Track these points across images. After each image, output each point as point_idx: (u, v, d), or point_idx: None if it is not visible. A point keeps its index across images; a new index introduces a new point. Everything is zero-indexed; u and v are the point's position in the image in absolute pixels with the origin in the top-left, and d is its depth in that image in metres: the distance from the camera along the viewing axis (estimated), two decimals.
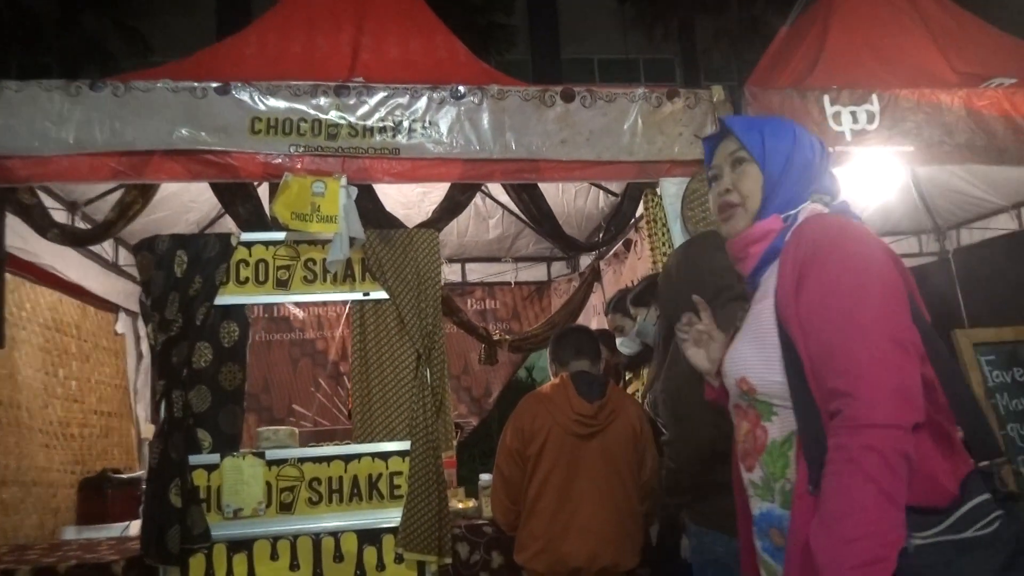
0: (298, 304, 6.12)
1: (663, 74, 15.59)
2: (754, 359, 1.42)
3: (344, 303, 4.15)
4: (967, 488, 1.25)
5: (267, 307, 6.20)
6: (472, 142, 3.23)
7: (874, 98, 3.34)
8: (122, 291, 5.11)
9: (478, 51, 4.10)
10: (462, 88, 3.27)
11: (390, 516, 3.04)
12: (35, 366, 4.18)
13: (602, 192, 4.96)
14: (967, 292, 5.09)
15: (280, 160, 3.17)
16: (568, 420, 2.85)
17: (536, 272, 6.60)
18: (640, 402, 3.16)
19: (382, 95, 3.25)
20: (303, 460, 3.06)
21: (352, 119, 3.20)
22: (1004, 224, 5.07)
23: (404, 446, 3.10)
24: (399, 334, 3.20)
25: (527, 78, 3.51)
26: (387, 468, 3.10)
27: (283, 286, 3.19)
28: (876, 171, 3.62)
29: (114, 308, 5.19)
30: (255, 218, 3.49)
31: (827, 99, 3.32)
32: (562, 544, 2.79)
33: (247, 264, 3.17)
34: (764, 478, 1.40)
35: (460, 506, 3.64)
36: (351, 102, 3.22)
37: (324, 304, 6.16)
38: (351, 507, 3.05)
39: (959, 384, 1.36)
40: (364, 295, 3.23)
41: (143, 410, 5.39)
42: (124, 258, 5.03)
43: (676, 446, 2.22)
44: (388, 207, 3.74)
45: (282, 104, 3.20)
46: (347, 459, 3.09)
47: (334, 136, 3.19)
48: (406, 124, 3.22)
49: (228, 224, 3.92)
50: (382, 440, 3.13)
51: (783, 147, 1.48)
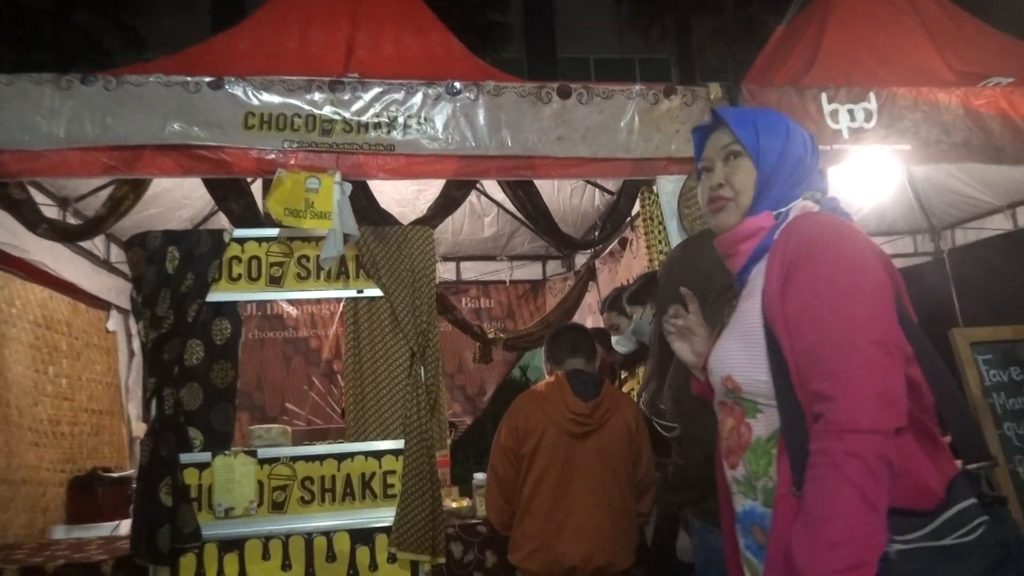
0: (291, 302, 6.10)
1: (659, 74, 15.59)
2: (740, 357, 1.40)
3: (338, 300, 4.11)
4: (953, 492, 1.24)
5: (260, 305, 6.18)
6: (468, 138, 3.20)
7: (872, 96, 3.33)
8: (114, 288, 5.08)
9: (474, 49, 4.08)
10: (458, 84, 3.25)
11: (383, 515, 3.02)
12: (25, 363, 4.13)
13: (598, 190, 4.95)
14: (962, 292, 5.10)
15: (274, 156, 3.14)
16: (563, 419, 2.83)
17: (531, 271, 6.59)
18: (636, 401, 3.15)
19: (377, 91, 3.22)
20: (296, 459, 3.04)
21: (347, 115, 3.17)
22: (999, 224, 5.08)
23: (398, 445, 3.07)
24: (393, 332, 3.18)
25: (523, 77, 3.48)
26: (380, 467, 3.07)
27: (276, 283, 3.17)
28: (872, 170, 3.61)
29: (105, 305, 5.14)
30: (248, 214, 3.46)
31: (825, 97, 3.31)
32: (557, 544, 2.78)
33: (240, 261, 3.15)
34: (747, 475, 1.40)
35: (454, 505, 3.62)
36: (346, 97, 3.19)
37: (318, 302, 6.15)
38: (344, 506, 3.02)
39: (948, 386, 1.35)
40: (358, 292, 3.21)
41: (134, 408, 5.35)
42: (116, 255, 4.99)
43: (685, 442, 2.22)
44: (383, 204, 3.72)
45: (276, 99, 3.17)
46: (340, 458, 3.06)
47: (328, 132, 3.16)
48: (401, 120, 3.19)
49: (222, 221, 3.88)
50: (376, 439, 3.11)
51: (777, 142, 1.45)
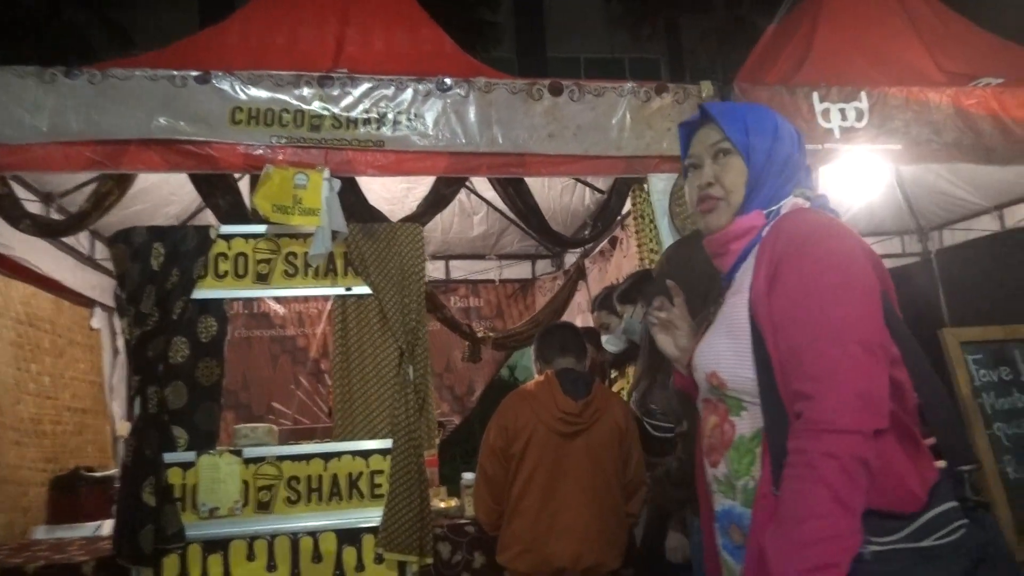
0: (278, 300, 6.06)
1: (649, 74, 15.62)
2: (726, 353, 1.39)
3: (325, 298, 4.08)
4: (934, 495, 1.23)
5: (246, 304, 6.14)
6: (458, 135, 3.17)
7: (863, 95, 3.33)
8: (98, 285, 5.01)
9: (464, 48, 4.05)
10: (448, 80, 3.22)
11: (370, 515, 2.99)
12: (6, 361, 4.07)
13: (588, 189, 4.93)
14: (949, 293, 5.11)
15: (261, 151, 3.10)
16: (553, 418, 2.81)
17: (520, 270, 6.58)
18: (626, 400, 3.13)
19: (367, 86, 3.19)
20: (282, 458, 3.00)
21: (336, 110, 3.14)
22: (986, 225, 5.11)
23: (386, 444, 3.04)
24: (382, 330, 3.15)
25: (513, 76, 3.45)
26: (368, 467, 3.04)
27: (263, 280, 3.12)
28: (862, 170, 3.61)
29: (89, 303, 5.08)
30: (235, 211, 3.42)
31: (816, 96, 3.31)
32: (546, 544, 2.75)
33: (226, 257, 3.11)
34: (727, 475, 1.38)
35: (442, 505, 3.60)
36: (335, 93, 3.16)
37: (305, 300, 6.11)
38: (331, 506, 2.99)
39: (934, 387, 1.34)
40: (346, 290, 3.17)
41: (118, 407, 5.29)
42: (100, 252, 4.93)
43: (689, 438, 2.21)
44: (371, 202, 3.68)
45: (264, 94, 3.13)
46: (327, 457, 3.03)
47: (317, 127, 3.13)
48: (391, 116, 3.16)
49: (208, 218, 3.84)
50: (363, 438, 3.07)
51: (766, 139, 1.44)
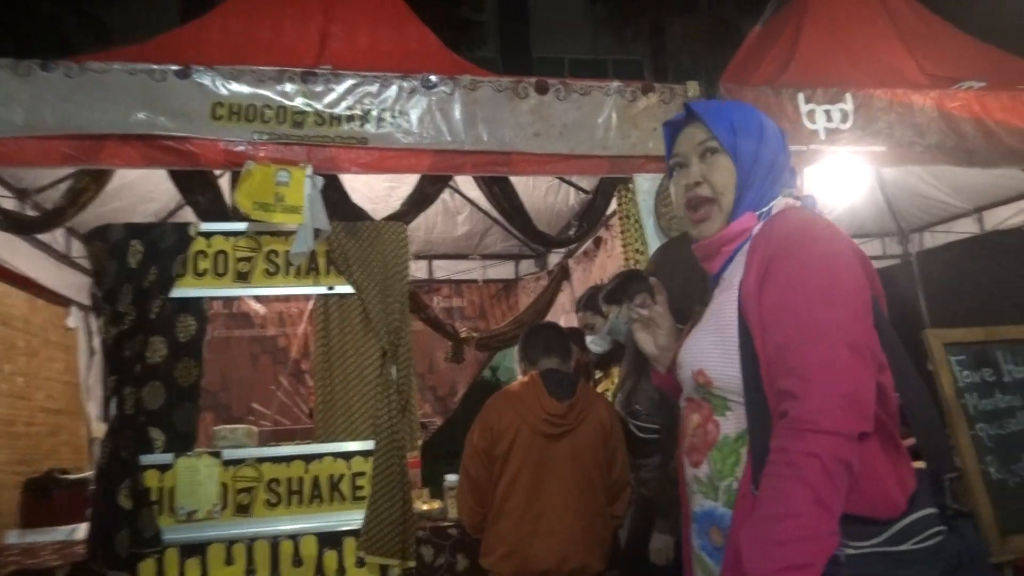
0: (259, 299, 5.98)
1: (632, 75, 15.59)
2: (713, 352, 1.37)
3: (307, 298, 4.03)
4: (914, 501, 1.23)
5: (226, 304, 6.05)
6: (443, 133, 3.15)
7: (848, 97, 3.34)
8: (74, 284, 4.91)
9: (448, 47, 4.02)
10: (434, 77, 3.19)
11: (352, 518, 2.95)
12: None
13: (572, 189, 4.91)
14: (929, 294, 5.16)
15: (243, 147, 3.06)
16: (537, 419, 2.78)
17: (504, 270, 6.55)
18: (611, 401, 3.11)
19: (351, 83, 3.15)
20: (262, 460, 2.96)
21: (319, 106, 3.10)
22: (966, 228, 5.16)
23: (368, 446, 3.01)
24: (364, 330, 3.11)
25: (499, 74, 3.43)
26: (349, 468, 3.00)
27: (244, 279, 3.08)
28: (845, 172, 3.63)
29: (65, 301, 4.99)
30: (215, 208, 3.36)
31: (802, 97, 3.32)
32: (529, 547, 2.72)
33: (206, 255, 3.05)
34: (710, 475, 1.37)
35: (425, 508, 3.56)
36: (318, 89, 3.12)
37: (286, 299, 6.03)
38: (311, 509, 2.95)
39: (918, 391, 1.33)
40: (329, 289, 3.13)
41: (94, 408, 5.18)
42: (77, 249, 4.82)
43: (672, 438, 2.19)
44: (355, 201, 3.63)
45: (246, 89, 3.08)
46: (308, 459, 2.99)
47: (300, 124, 3.09)
48: (375, 113, 3.12)
49: (188, 216, 3.77)
50: (345, 439, 3.04)
51: (753, 139, 1.42)
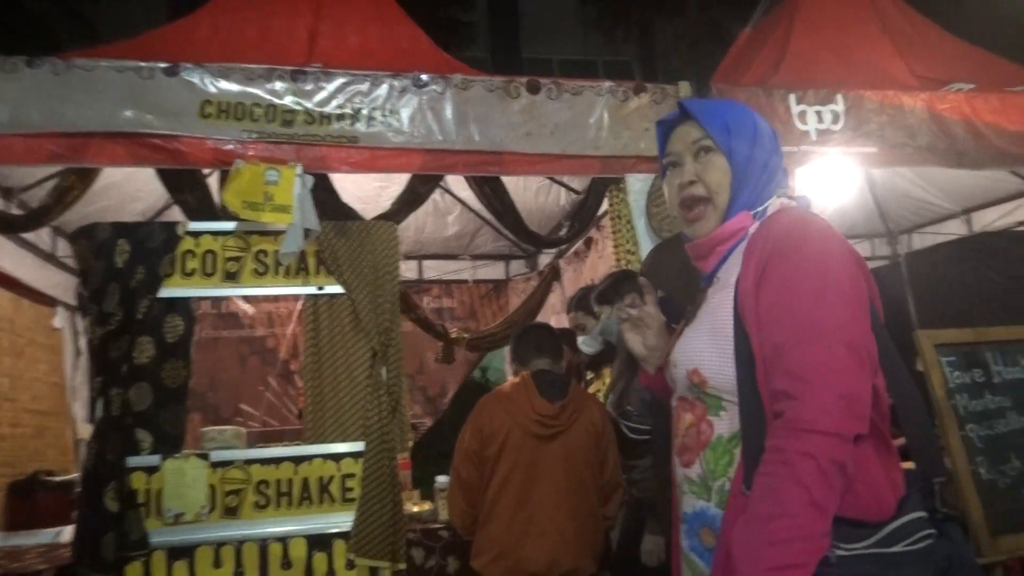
0: (248, 299, 5.94)
1: (622, 76, 15.49)
2: (709, 351, 1.36)
3: (296, 298, 4.00)
4: (904, 504, 1.22)
5: (214, 304, 6.01)
6: (434, 132, 3.13)
7: (839, 98, 3.35)
8: (60, 284, 4.85)
9: (438, 47, 4.00)
10: (424, 76, 3.17)
11: (342, 520, 2.92)
12: None
13: (563, 190, 4.91)
14: (918, 296, 5.18)
15: (231, 146, 3.03)
16: (528, 420, 2.77)
17: (494, 270, 6.53)
18: (603, 402, 3.10)
19: (341, 81, 3.13)
20: (250, 462, 2.92)
21: (309, 105, 3.07)
22: (955, 229, 5.19)
23: (358, 447, 2.98)
24: (354, 330, 3.09)
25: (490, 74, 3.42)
26: (339, 470, 2.98)
27: (232, 279, 3.04)
28: (834, 173, 3.64)
29: (51, 302, 4.92)
30: (204, 207, 3.33)
31: (793, 98, 3.32)
32: (520, 549, 2.71)
33: (194, 255, 3.02)
34: (702, 475, 1.36)
35: (415, 509, 3.54)
36: (308, 87, 3.09)
37: (275, 299, 6.00)
38: (301, 511, 2.92)
39: (911, 393, 1.33)
40: (318, 289, 3.11)
41: (80, 409, 5.13)
42: (63, 249, 4.77)
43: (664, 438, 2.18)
44: (344, 200, 3.61)
45: (235, 87, 3.05)
46: (297, 461, 2.96)
47: (289, 122, 3.06)
48: (365, 112, 3.10)
49: (176, 215, 3.74)
50: (334, 441, 3.01)
51: (747, 139, 1.42)
